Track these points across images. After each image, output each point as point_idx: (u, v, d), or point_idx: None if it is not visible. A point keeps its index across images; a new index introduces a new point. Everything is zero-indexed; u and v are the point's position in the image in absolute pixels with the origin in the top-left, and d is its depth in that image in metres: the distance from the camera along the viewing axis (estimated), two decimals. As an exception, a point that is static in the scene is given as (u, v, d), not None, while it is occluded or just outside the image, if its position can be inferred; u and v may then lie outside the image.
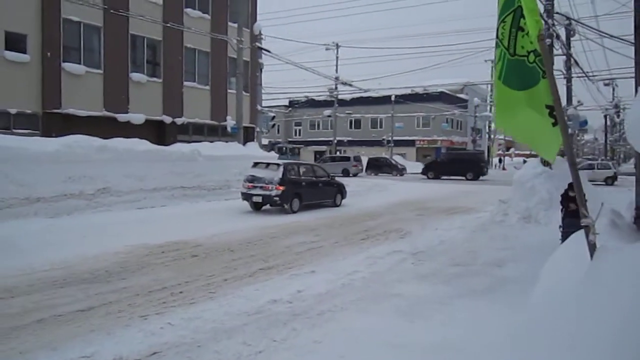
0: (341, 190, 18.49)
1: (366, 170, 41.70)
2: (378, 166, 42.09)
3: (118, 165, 16.46)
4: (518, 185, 15.23)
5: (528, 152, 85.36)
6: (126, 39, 22.34)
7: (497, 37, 4.34)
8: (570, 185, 8.76)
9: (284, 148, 45.42)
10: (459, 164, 37.30)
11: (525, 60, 4.11)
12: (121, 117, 21.89)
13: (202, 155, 19.48)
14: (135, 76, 22.66)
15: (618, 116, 56.54)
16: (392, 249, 10.23)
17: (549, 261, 4.62)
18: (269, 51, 25.53)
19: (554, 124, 3.91)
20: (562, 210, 8.93)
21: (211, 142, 22.58)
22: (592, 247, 3.41)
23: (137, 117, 22.35)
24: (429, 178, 36.68)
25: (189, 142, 22.20)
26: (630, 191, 20.56)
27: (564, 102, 20.01)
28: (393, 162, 43.34)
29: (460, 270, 8.27)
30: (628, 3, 19.24)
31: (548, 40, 16.04)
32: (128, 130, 20.78)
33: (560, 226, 8.64)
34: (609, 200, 15.27)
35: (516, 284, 7.17)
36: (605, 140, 54.06)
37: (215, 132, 26.53)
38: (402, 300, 6.43)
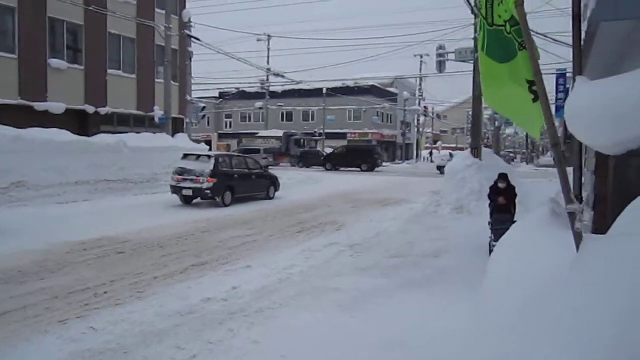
0: (274, 183, 18.18)
1: (298, 164, 41.61)
2: (310, 159, 42.03)
3: (36, 157, 15.37)
4: (450, 177, 15.51)
5: (454, 146, 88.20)
6: (44, 22, 20.86)
7: (476, 4, 4.10)
8: (500, 176, 8.48)
9: (302, 140, 43.65)
10: (355, 156, 38.19)
11: (503, 31, 3.84)
12: (39, 106, 20.44)
13: (128, 147, 18.56)
14: (54, 62, 21.23)
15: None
16: (329, 241, 10.07)
17: (495, 254, 4.53)
18: (198, 39, 24.70)
19: (534, 100, 3.66)
20: (490, 205, 8.59)
21: (138, 133, 21.57)
22: (578, 237, 3.21)
23: (56, 106, 20.95)
24: (327, 169, 37.28)
25: (114, 133, 21.07)
26: (552, 182, 21.48)
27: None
28: (325, 154, 43.37)
29: (398, 262, 8.21)
30: (552, 1, 19.95)
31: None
32: (47, 120, 19.41)
33: (489, 222, 8.39)
34: (532, 191, 15.84)
35: (455, 275, 7.17)
36: (527, 134, 56.55)
37: (142, 123, 25.39)
38: (343, 294, 6.24)
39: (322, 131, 50.99)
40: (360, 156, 38.05)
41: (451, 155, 67.84)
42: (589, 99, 5.31)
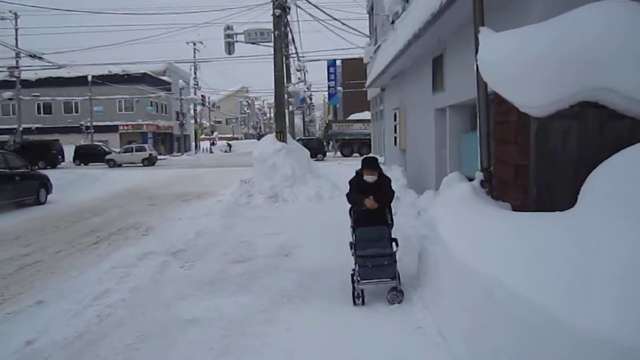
0: (45, 184, 14.82)
1: (74, 160, 37.08)
2: (88, 155, 37.37)
3: None
4: (259, 163, 14.24)
5: (230, 136, 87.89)
6: None
7: None
8: (367, 162, 5.52)
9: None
10: (31, 152, 31.68)
11: None
12: None
13: None
14: None
15: (310, 99, 61.69)
16: (141, 250, 7.93)
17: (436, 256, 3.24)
18: None
19: None
20: (350, 213, 5.56)
21: None
22: None
23: None
24: None
25: None
26: (340, 165, 21.74)
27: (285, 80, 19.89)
28: (106, 149, 38.77)
29: (247, 267, 6.56)
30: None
31: (278, 11, 15.32)
32: None
33: (351, 244, 5.21)
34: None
35: (329, 279, 5.78)
36: (303, 120, 58.51)
37: None
38: (208, 328, 4.40)
39: (89, 124, 45.46)
40: (37, 152, 32.57)
41: (229, 145, 66.95)
42: (510, 51, 4.43)
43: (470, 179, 8.82)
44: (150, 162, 35.17)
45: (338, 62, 48.26)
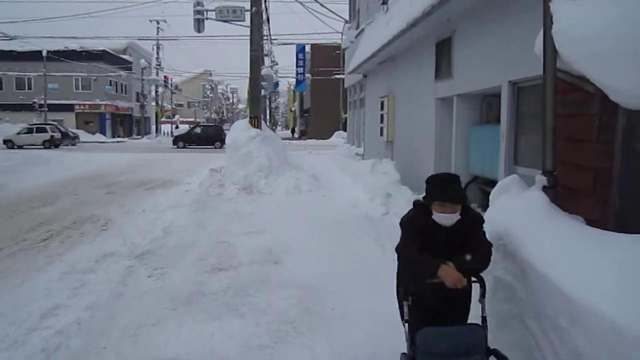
0: (-12, 166, 13.27)
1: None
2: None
3: None
4: (233, 151, 13.05)
5: (192, 120, 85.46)
6: None
7: None
8: (443, 187, 2.76)
9: None
10: None
11: None
12: None
13: None
14: None
15: (277, 86, 60.20)
16: (101, 251, 6.74)
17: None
18: None
19: None
20: (401, 290, 2.81)
21: None
22: None
23: None
24: None
25: None
26: (311, 154, 20.72)
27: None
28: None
29: (231, 279, 5.44)
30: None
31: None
32: None
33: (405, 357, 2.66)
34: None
35: (336, 301, 4.76)
36: (270, 106, 56.96)
37: None
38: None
39: (42, 102, 42.89)
40: None
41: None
42: (606, 23, 3.48)
43: (475, 177, 8.00)
44: (52, 144, 32.73)
45: (307, 48, 46.94)
